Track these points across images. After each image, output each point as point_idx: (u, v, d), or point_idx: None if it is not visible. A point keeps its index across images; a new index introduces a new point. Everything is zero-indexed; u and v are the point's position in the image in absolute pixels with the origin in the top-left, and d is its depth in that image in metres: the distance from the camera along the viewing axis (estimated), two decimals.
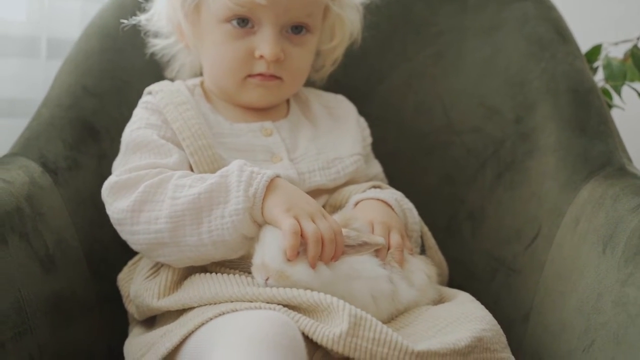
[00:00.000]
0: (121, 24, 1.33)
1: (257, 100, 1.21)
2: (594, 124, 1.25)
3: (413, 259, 1.10)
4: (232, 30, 1.17)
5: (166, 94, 1.19)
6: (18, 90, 1.44)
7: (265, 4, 1.13)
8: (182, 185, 1.04)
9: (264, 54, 1.15)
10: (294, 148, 1.21)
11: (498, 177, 1.32)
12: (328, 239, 0.99)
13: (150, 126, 1.15)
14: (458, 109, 1.38)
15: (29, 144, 1.22)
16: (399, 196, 1.19)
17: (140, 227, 1.06)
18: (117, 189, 1.09)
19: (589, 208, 1.13)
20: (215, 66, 1.22)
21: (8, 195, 1.07)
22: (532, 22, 1.36)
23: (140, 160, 1.12)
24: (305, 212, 1.00)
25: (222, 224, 1.01)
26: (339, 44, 1.28)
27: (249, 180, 1.01)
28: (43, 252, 1.09)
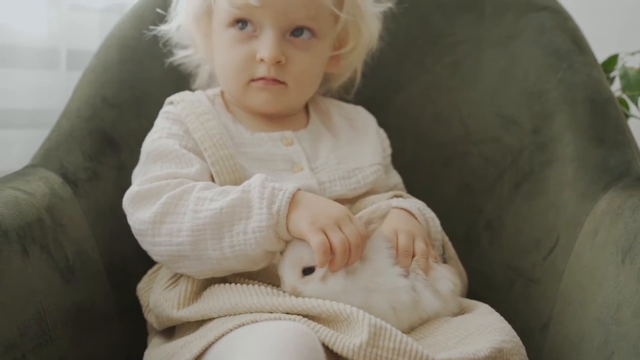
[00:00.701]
0: (141, 35, 1.35)
1: (262, 104, 1.20)
2: (611, 134, 1.25)
3: (438, 266, 1.10)
4: (236, 35, 1.18)
5: (187, 104, 1.19)
6: (38, 101, 1.45)
7: (258, 5, 1.13)
8: (204, 198, 1.04)
9: (263, 56, 1.15)
10: (314, 158, 1.21)
11: (516, 187, 1.32)
12: (355, 244, 1.00)
13: (172, 136, 1.16)
14: (476, 119, 1.38)
15: (49, 155, 1.23)
16: (421, 205, 1.20)
17: (161, 239, 1.06)
18: (138, 199, 1.09)
19: (607, 218, 1.13)
20: (222, 71, 1.23)
21: (29, 207, 1.07)
22: (549, 33, 1.36)
23: (161, 169, 1.12)
24: (332, 221, 1.00)
25: (245, 239, 1.01)
26: (352, 51, 1.26)
27: (271, 197, 1.01)
28: (63, 263, 1.10)
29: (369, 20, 1.24)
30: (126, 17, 1.41)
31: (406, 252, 1.07)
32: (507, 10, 1.41)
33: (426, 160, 1.40)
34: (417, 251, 1.08)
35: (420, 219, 1.16)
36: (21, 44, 1.41)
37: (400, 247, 1.07)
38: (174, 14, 1.27)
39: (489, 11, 1.42)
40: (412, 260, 1.07)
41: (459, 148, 1.39)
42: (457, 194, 1.38)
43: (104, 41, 1.38)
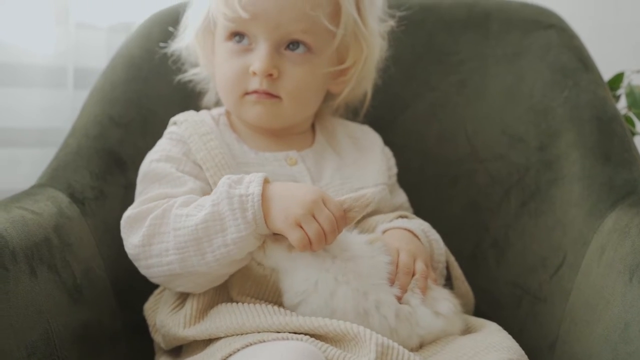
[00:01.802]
0: (147, 54, 1.36)
1: (256, 118, 1.20)
2: (617, 152, 1.25)
3: (438, 288, 1.10)
4: (232, 48, 1.19)
5: (190, 124, 1.20)
6: (46, 120, 1.46)
7: (248, 18, 1.14)
8: (181, 215, 1.05)
9: (255, 69, 1.16)
10: (318, 177, 1.21)
11: (522, 205, 1.32)
12: (330, 231, 1.01)
13: (170, 159, 1.16)
14: (482, 137, 1.39)
15: (56, 175, 1.23)
16: (425, 227, 1.20)
17: (153, 261, 1.07)
18: (129, 224, 1.10)
19: (614, 237, 1.13)
20: (219, 85, 1.23)
21: (37, 227, 1.08)
22: (555, 51, 1.36)
23: (153, 191, 1.13)
24: (305, 210, 1.01)
25: (228, 251, 1.02)
26: (352, 68, 1.25)
27: (241, 205, 1.01)
28: (71, 282, 1.10)
29: (371, 37, 1.23)
30: (133, 36, 1.41)
31: (406, 271, 1.07)
32: (513, 28, 1.41)
33: (432, 178, 1.41)
34: (417, 271, 1.08)
35: (423, 240, 1.16)
36: (28, 63, 1.42)
37: (401, 265, 1.07)
38: (182, 32, 1.28)
39: (494, 29, 1.42)
40: (412, 279, 1.07)
41: (466, 166, 1.39)
42: (464, 212, 1.38)
43: (111, 60, 1.38)
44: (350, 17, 1.19)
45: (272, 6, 1.14)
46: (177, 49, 1.30)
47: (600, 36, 1.64)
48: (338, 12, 1.18)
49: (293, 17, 1.15)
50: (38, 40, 1.43)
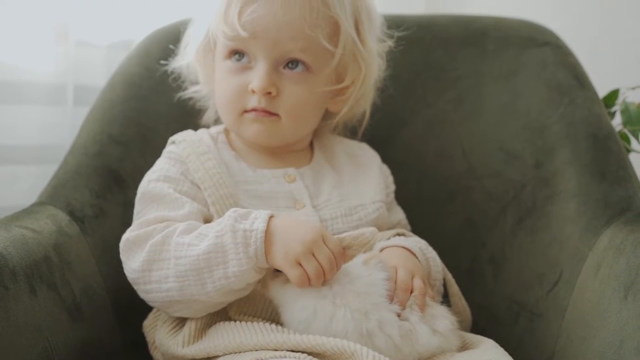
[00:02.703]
0: (146, 72, 1.37)
1: (254, 136, 1.21)
2: (613, 169, 1.26)
3: (436, 305, 1.11)
4: (232, 66, 1.20)
5: (189, 143, 1.21)
6: (45, 137, 1.46)
7: (247, 36, 1.15)
8: (182, 243, 1.06)
9: (254, 87, 1.16)
10: (316, 195, 1.22)
11: (519, 221, 1.33)
12: (328, 268, 1.02)
13: (168, 179, 1.17)
14: (478, 154, 1.40)
15: (56, 193, 1.24)
16: (422, 245, 1.20)
17: (152, 286, 1.08)
18: (128, 247, 1.11)
19: (610, 254, 1.14)
20: (219, 103, 1.24)
21: (37, 245, 1.08)
22: (551, 68, 1.37)
23: (151, 213, 1.14)
24: (304, 248, 1.01)
25: (228, 283, 1.03)
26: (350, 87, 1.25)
27: (244, 240, 1.02)
28: (70, 300, 1.11)
29: (369, 57, 1.24)
30: (132, 54, 1.42)
31: (404, 287, 1.07)
32: (509, 45, 1.43)
33: (429, 194, 1.41)
34: (415, 288, 1.08)
35: (420, 258, 1.17)
36: (28, 81, 1.43)
37: (399, 282, 1.07)
38: (182, 50, 1.29)
39: (490, 47, 1.43)
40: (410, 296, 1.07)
41: (462, 182, 1.40)
42: (461, 228, 1.39)
43: (110, 79, 1.39)
44: (348, 37, 1.20)
45: (271, 25, 1.15)
46: (177, 67, 1.31)
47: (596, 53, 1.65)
48: (337, 32, 1.19)
49: (292, 36, 1.16)
50: (38, 58, 1.44)
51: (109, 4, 1.54)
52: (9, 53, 1.39)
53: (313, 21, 1.16)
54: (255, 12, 1.15)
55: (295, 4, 1.15)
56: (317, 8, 1.16)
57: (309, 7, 1.16)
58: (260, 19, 1.15)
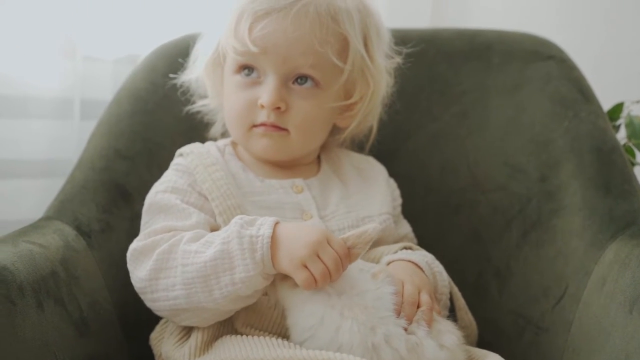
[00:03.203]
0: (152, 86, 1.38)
1: (263, 150, 1.22)
2: (617, 183, 1.26)
3: (443, 320, 1.11)
4: (241, 81, 1.20)
5: (196, 155, 1.21)
6: (52, 151, 1.47)
7: (257, 52, 1.16)
8: (189, 251, 1.06)
9: (263, 102, 1.17)
10: (324, 206, 1.22)
11: (524, 235, 1.33)
12: (334, 269, 1.02)
13: (175, 190, 1.18)
14: (483, 168, 1.40)
15: (63, 208, 1.24)
16: (429, 259, 1.20)
17: (159, 295, 1.08)
18: (135, 257, 1.11)
19: (615, 268, 1.14)
20: (227, 117, 1.25)
21: (44, 260, 1.09)
22: (555, 82, 1.38)
23: (158, 223, 1.14)
24: (309, 251, 1.02)
25: (235, 289, 1.04)
26: (359, 103, 1.26)
27: (251, 246, 1.03)
28: (77, 315, 1.11)
29: (377, 74, 1.25)
30: (138, 69, 1.43)
31: (411, 302, 1.07)
32: (513, 59, 1.43)
33: (435, 208, 1.42)
34: (422, 302, 1.08)
35: (427, 272, 1.17)
36: (36, 95, 1.43)
37: (406, 296, 1.07)
38: (192, 64, 1.30)
39: (495, 60, 1.44)
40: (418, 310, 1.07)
41: (467, 196, 1.40)
42: (466, 242, 1.39)
43: (117, 93, 1.40)
44: (357, 54, 1.21)
45: (281, 41, 1.16)
46: (185, 81, 1.32)
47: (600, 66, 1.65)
48: (346, 48, 1.20)
49: (302, 52, 1.17)
50: (45, 73, 1.44)
51: (115, 19, 1.55)
52: (16, 68, 1.40)
53: (323, 37, 1.17)
54: (266, 28, 1.16)
55: (306, 20, 1.16)
56: (327, 24, 1.18)
57: (319, 23, 1.17)
58: (270, 34, 1.16)
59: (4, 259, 1.02)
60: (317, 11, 1.17)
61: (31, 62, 1.42)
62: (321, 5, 1.18)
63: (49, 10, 1.43)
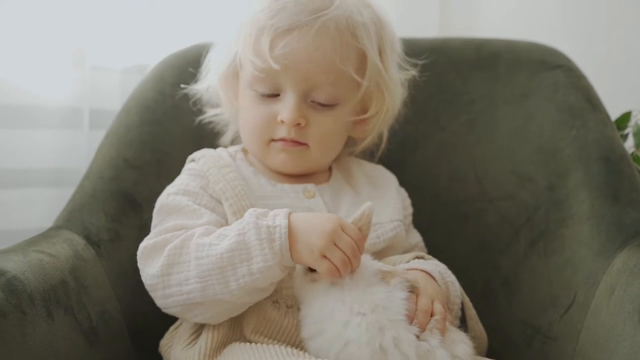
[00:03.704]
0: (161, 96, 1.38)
1: (281, 164, 1.23)
2: (626, 192, 1.26)
3: (456, 330, 1.11)
4: (258, 96, 1.21)
5: (208, 159, 1.22)
6: (61, 160, 1.48)
7: (280, 70, 1.16)
8: (203, 244, 1.07)
9: (284, 118, 1.18)
10: (335, 211, 1.22)
11: (532, 244, 1.33)
12: (352, 254, 1.04)
13: (187, 193, 1.18)
14: (491, 177, 1.40)
15: (72, 217, 1.25)
16: (442, 268, 1.20)
17: (172, 290, 1.08)
18: (146, 254, 1.11)
19: (623, 277, 1.14)
20: (244, 130, 1.25)
21: (53, 270, 1.09)
22: (563, 91, 1.38)
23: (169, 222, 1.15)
24: (327, 240, 1.03)
25: (252, 280, 1.04)
26: (374, 116, 1.27)
27: (269, 236, 1.03)
28: (87, 324, 1.11)
29: (393, 86, 1.25)
30: (146, 79, 1.44)
31: (425, 310, 1.07)
32: (521, 68, 1.43)
33: (443, 217, 1.42)
34: (435, 312, 1.08)
35: (440, 282, 1.17)
36: (45, 105, 1.44)
37: (420, 305, 1.07)
38: (204, 74, 1.30)
39: (503, 70, 1.44)
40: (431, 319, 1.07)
41: (476, 205, 1.40)
42: (474, 251, 1.39)
43: (125, 103, 1.41)
44: (375, 68, 1.22)
45: (303, 59, 1.17)
46: (196, 91, 1.32)
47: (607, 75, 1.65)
48: (364, 62, 1.21)
49: (323, 70, 1.17)
50: (55, 83, 1.45)
51: (123, 29, 1.56)
52: (26, 78, 1.41)
53: (344, 54, 1.18)
54: (288, 46, 1.16)
55: (327, 38, 1.17)
56: (347, 41, 1.18)
57: (340, 40, 1.18)
58: (292, 52, 1.16)
59: (14, 269, 1.03)
60: (338, 28, 1.18)
61: (40, 73, 1.43)
62: (341, 21, 1.18)
63: (57, 20, 1.44)
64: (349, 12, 1.19)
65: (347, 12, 1.19)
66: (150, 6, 1.59)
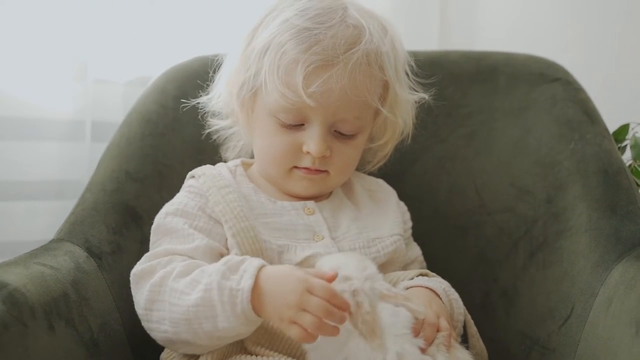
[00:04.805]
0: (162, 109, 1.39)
1: (302, 191, 1.22)
2: (623, 205, 1.27)
3: (460, 347, 1.11)
4: (282, 124, 1.18)
5: (208, 177, 1.21)
6: (64, 172, 1.49)
7: (315, 106, 1.14)
8: (176, 289, 1.06)
9: (311, 151, 1.17)
10: (335, 227, 1.22)
11: (530, 256, 1.34)
12: (326, 315, 0.98)
13: (184, 214, 1.18)
14: (490, 189, 1.41)
15: (74, 230, 1.25)
16: (445, 285, 1.21)
17: (153, 325, 1.09)
18: (136, 281, 1.12)
19: (621, 289, 1.14)
20: (263, 154, 1.24)
21: (55, 282, 1.10)
22: (561, 104, 1.39)
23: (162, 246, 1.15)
24: (294, 308, 0.99)
25: (219, 336, 1.04)
26: (389, 141, 1.29)
27: (231, 299, 1.01)
28: (88, 336, 1.12)
29: (405, 110, 1.26)
30: (148, 92, 1.44)
31: (432, 324, 1.08)
32: (520, 81, 1.44)
33: (442, 230, 1.43)
34: (441, 328, 1.08)
35: (444, 299, 1.17)
36: (47, 118, 1.45)
37: (427, 318, 1.08)
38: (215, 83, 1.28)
39: (502, 83, 1.45)
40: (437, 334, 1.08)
41: (474, 218, 1.41)
42: (473, 263, 1.40)
43: (127, 116, 1.41)
44: (394, 95, 1.22)
45: (340, 98, 1.15)
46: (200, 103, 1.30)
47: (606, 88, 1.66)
48: (386, 91, 1.22)
49: (354, 107, 1.17)
50: (57, 96, 1.47)
51: (125, 42, 1.57)
52: (29, 91, 1.42)
53: (372, 88, 1.18)
54: (325, 85, 1.13)
55: (360, 75, 1.16)
56: (376, 75, 1.19)
57: (370, 76, 1.18)
58: (329, 92, 1.14)
59: (16, 281, 1.04)
60: (369, 62, 1.17)
61: (43, 85, 1.44)
62: (371, 55, 1.17)
63: (60, 34, 1.46)
64: (375, 44, 1.17)
65: (375, 44, 1.17)
66: (152, 19, 1.61)
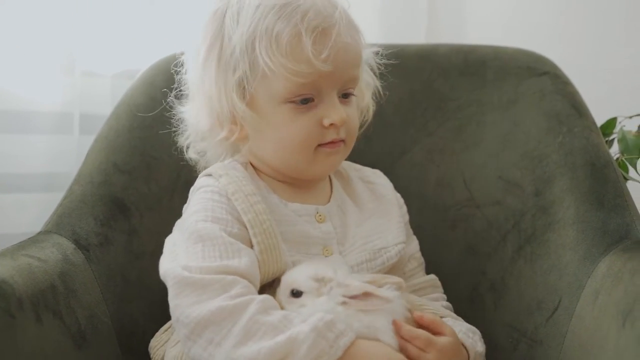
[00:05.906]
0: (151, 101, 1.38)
1: (330, 168, 1.21)
2: (610, 198, 1.27)
3: None
4: (295, 108, 1.13)
5: (232, 179, 1.15)
6: (52, 165, 1.48)
7: (331, 70, 1.11)
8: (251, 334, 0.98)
9: (334, 120, 1.13)
10: (343, 238, 1.20)
11: (519, 249, 1.34)
12: None
13: (217, 220, 1.10)
14: (479, 183, 1.41)
15: (61, 222, 1.25)
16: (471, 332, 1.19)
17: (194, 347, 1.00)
18: (184, 285, 1.03)
19: (608, 281, 1.15)
20: (284, 146, 1.16)
21: (43, 274, 1.10)
22: (549, 97, 1.39)
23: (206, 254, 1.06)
24: None
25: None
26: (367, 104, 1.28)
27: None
28: (75, 328, 1.12)
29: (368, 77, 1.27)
30: (136, 84, 1.44)
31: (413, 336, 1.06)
32: (508, 75, 1.44)
33: (431, 223, 1.43)
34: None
35: (470, 350, 1.15)
36: (35, 110, 1.45)
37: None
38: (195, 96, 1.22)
39: (490, 76, 1.45)
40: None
41: (463, 211, 1.41)
42: (461, 256, 1.40)
43: (115, 108, 1.41)
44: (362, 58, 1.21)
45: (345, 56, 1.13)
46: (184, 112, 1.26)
47: (594, 82, 1.66)
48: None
49: (357, 63, 1.17)
50: (45, 89, 1.46)
51: (113, 34, 1.57)
52: (17, 84, 1.42)
53: (361, 42, 1.18)
54: (334, 47, 1.10)
55: (351, 30, 1.15)
56: (357, 27, 1.18)
57: (356, 31, 1.17)
58: (338, 53, 1.11)
59: (3, 273, 1.04)
60: (348, 20, 1.16)
61: (31, 78, 1.44)
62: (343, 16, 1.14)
63: (48, 26, 1.45)
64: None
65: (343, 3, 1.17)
66: (140, 11, 1.60)
